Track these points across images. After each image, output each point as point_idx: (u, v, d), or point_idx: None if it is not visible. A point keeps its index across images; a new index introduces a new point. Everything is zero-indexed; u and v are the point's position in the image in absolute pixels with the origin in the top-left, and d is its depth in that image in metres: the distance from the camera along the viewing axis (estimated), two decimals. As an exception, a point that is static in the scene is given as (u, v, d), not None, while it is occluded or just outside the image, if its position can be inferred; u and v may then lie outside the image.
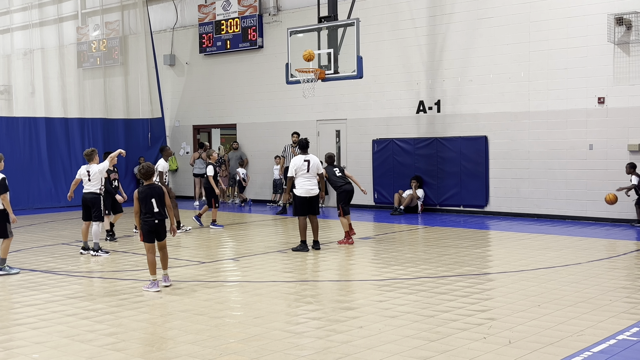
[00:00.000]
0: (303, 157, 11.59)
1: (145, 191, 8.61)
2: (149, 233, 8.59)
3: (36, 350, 6.10)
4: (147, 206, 8.56)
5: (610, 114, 14.74)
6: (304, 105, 19.06)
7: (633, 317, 6.93)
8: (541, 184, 15.73)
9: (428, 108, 17.39)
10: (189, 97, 22.99)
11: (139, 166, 8.91)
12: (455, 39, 16.85)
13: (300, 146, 11.90)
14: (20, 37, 23.13)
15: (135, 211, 8.69)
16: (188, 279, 9.20)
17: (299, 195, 11.55)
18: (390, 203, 17.84)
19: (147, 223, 8.56)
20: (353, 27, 14.00)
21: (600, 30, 14.66)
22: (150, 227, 8.56)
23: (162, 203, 8.65)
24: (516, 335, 6.30)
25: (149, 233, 8.59)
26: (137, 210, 8.64)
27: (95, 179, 11.51)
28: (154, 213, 8.57)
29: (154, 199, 8.58)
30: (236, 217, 17.22)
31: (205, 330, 6.67)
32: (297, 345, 6.11)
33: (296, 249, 11.47)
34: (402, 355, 5.79)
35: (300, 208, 11.55)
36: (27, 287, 8.92)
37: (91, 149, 11.88)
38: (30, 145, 19.92)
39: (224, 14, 21.43)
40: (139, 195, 8.59)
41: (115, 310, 7.48)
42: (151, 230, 8.58)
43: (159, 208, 8.61)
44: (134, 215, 8.80)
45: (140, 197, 8.58)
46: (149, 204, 8.56)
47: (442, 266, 9.93)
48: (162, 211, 8.64)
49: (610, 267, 9.73)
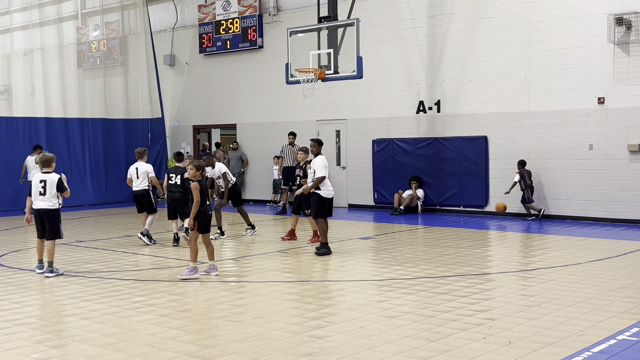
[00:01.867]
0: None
1: (204, 184, 9.30)
2: (208, 224, 9.29)
3: (36, 350, 6.10)
4: (204, 199, 9.17)
5: (610, 114, 14.74)
6: (304, 105, 19.06)
7: (633, 317, 6.93)
8: (541, 184, 15.72)
9: (428, 108, 17.39)
10: (189, 97, 22.99)
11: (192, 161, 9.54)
12: (455, 39, 16.85)
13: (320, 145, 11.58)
14: (20, 37, 23.12)
15: (196, 202, 9.10)
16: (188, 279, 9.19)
17: (325, 196, 11.13)
18: (390, 203, 17.84)
19: (207, 215, 9.25)
20: (353, 27, 14.00)
21: (600, 30, 14.66)
22: (209, 219, 9.34)
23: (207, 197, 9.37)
24: (516, 335, 6.30)
25: (208, 224, 9.29)
26: (199, 201, 9.09)
27: (143, 177, 12.51)
28: (207, 205, 9.28)
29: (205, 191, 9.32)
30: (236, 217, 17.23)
31: (205, 330, 6.68)
32: (297, 345, 6.11)
33: (321, 253, 11.01)
34: (402, 355, 5.79)
35: (323, 210, 11.15)
36: (27, 287, 8.92)
37: (143, 148, 12.96)
38: (30, 145, 19.87)
39: (224, 14, 21.44)
40: (201, 188, 9.17)
41: (115, 310, 7.48)
42: (208, 222, 9.30)
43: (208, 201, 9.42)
44: (194, 206, 9.11)
45: (202, 189, 9.17)
46: (205, 197, 9.22)
47: (442, 266, 9.93)
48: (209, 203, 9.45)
49: (610, 267, 9.73)
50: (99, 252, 11.83)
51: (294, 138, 18.10)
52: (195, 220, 9.14)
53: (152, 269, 10.03)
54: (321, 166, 11.06)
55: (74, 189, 20.77)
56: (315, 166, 11.11)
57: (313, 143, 11.41)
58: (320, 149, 11.48)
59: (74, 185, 20.89)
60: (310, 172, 11.32)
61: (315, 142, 11.41)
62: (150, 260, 10.90)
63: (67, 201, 20.40)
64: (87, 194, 21.19)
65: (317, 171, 11.04)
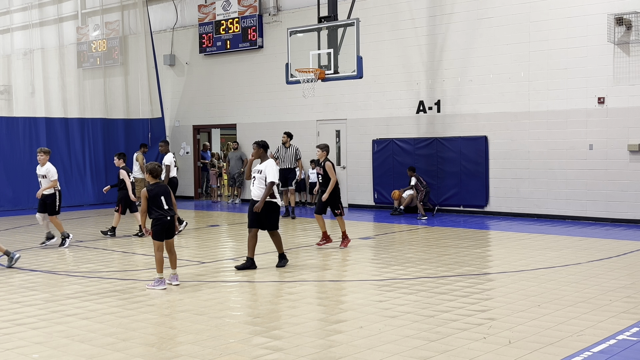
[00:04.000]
0: None
1: (154, 189, 8.69)
2: (161, 231, 8.65)
3: (36, 350, 6.10)
4: (157, 204, 8.62)
5: (610, 114, 14.74)
6: (304, 105, 19.06)
7: (633, 317, 6.93)
8: (541, 184, 15.73)
9: (428, 108, 17.39)
10: (189, 97, 22.99)
11: (146, 165, 9.03)
12: (455, 39, 16.85)
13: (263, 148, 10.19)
14: (20, 37, 23.14)
15: (142, 210, 8.71)
16: (188, 279, 9.20)
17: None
18: (390, 203, 17.84)
19: (160, 221, 8.63)
20: (353, 27, 14.00)
21: (600, 30, 14.66)
22: (163, 224, 8.64)
23: (169, 200, 8.74)
24: (516, 335, 6.30)
25: (161, 231, 8.65)
26: (145, 209, 8.68)
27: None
28: (164, 210, 8.66)
29: (162, 196, 8.68)
30: (236, 217, 17.21)
31: (205, 330, 6.67)
32: (297, 345, 6.11)
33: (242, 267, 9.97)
34: (402, 355, 5.79)
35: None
36: (27, 287, 8.92)
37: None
38: (30, 145, 19.91)
39: (224, 14, 21.43)
40: (149, 194, 8.63)
41: (115, 310, 7.47)
42: (164, 228, 8.65)
43: (168, 205, 8.71)
44: (141, 214, 8.80)
45: (150, 196, 8.63)
46: (158, 201, 8.64)
47: (442, 266, 9.93)
48: (171, 208, 8.74)
49: (610, 267, 9.73)
50: (99, 252, 11.83)
51: (288, 138, 16.79)
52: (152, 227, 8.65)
53: (152, 269, 10.03)
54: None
55: (74, 188, 20.88)
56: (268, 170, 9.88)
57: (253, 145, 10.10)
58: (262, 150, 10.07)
59: (74, 185, 20.94)
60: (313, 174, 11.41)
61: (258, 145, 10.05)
62: (150, 260, 10.89)
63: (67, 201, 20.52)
64: (87, 194, 21.20)
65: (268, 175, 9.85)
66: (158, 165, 8.93)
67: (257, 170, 9.90)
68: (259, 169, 9.90)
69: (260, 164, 9.97)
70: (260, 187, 9.77)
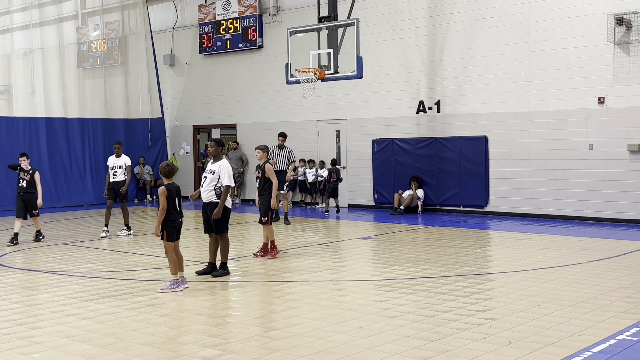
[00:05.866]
0: None
1: (172, 189, 8.52)
2: (175, 232, 8.53)
3: (36, 350, 6.10)
4: (173, 205, 8.48)
5: (610, 114, 14.74)
6: (304, 105, 19.06)
7: (633, 317, 6.93)
8: (541, 184, 15.73)
9: (428, 108, 17.39)
10: (189, 97, 22.99)
11: (162, 164, 8.70)
12: (455, 39, 16.85)
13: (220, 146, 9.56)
14: (20, 37, 23.14)
15: (162, 208, 8.43)
16: (188, 279, 9.19)
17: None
18: (390, 203, 17.84)
19: (174, 222, 8.49)
20: (353, 27, 14.00)
21: (600, 30, 14.66)
22: (177, 226, 8.54)
23: (180, 202, 8.66)
24: (516, 335, 6.30)
25: (175, 232, 8.53)
26: (165, 207, 8.41)
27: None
28: (177, 212, 8.56)
29: (177, 197, 8.57)
30: (235, 217, 17.22)
31: (205, 330, 6.67)
32: (297, 345, 6.11)
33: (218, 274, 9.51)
34: (402, 355, 5.79)
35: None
36: (27, 287, 8.92)
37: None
38: (30, 145, 19.91)
39: (224, 14, 21.44)
40: (169, 194, 8.44)
41: (115, 310, 7.47)
42: (177, 230, 8.55)
43: (180, 207, 8.63)
44: (160, 212, 8.43)
45: (169, 196, 8.44)
46: (174, 202, 8.50)
47: (442, 266, 9.93)
48: (181, 210, 8.67)
49: (610, 267, 9.73)
50: (99, 252, 11.84)
51: (283, 140, 15.72)
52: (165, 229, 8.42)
53: (152, 269, 10.03)
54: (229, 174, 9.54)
55: (74, 188, 20.89)
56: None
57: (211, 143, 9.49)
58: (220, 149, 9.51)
59: (74, 185, 20.95)
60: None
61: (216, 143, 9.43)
62: (150, 260, 10.90)
63: (67, 201, 20.52)
64: (87, 194, 21.20)
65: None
66: (167, 164, 8.66)
67: (210, 170, 9.33)
68: (211, 169, 9.32)
69: (213, 164, 9.36)
70: (209, 188, 9.26)
